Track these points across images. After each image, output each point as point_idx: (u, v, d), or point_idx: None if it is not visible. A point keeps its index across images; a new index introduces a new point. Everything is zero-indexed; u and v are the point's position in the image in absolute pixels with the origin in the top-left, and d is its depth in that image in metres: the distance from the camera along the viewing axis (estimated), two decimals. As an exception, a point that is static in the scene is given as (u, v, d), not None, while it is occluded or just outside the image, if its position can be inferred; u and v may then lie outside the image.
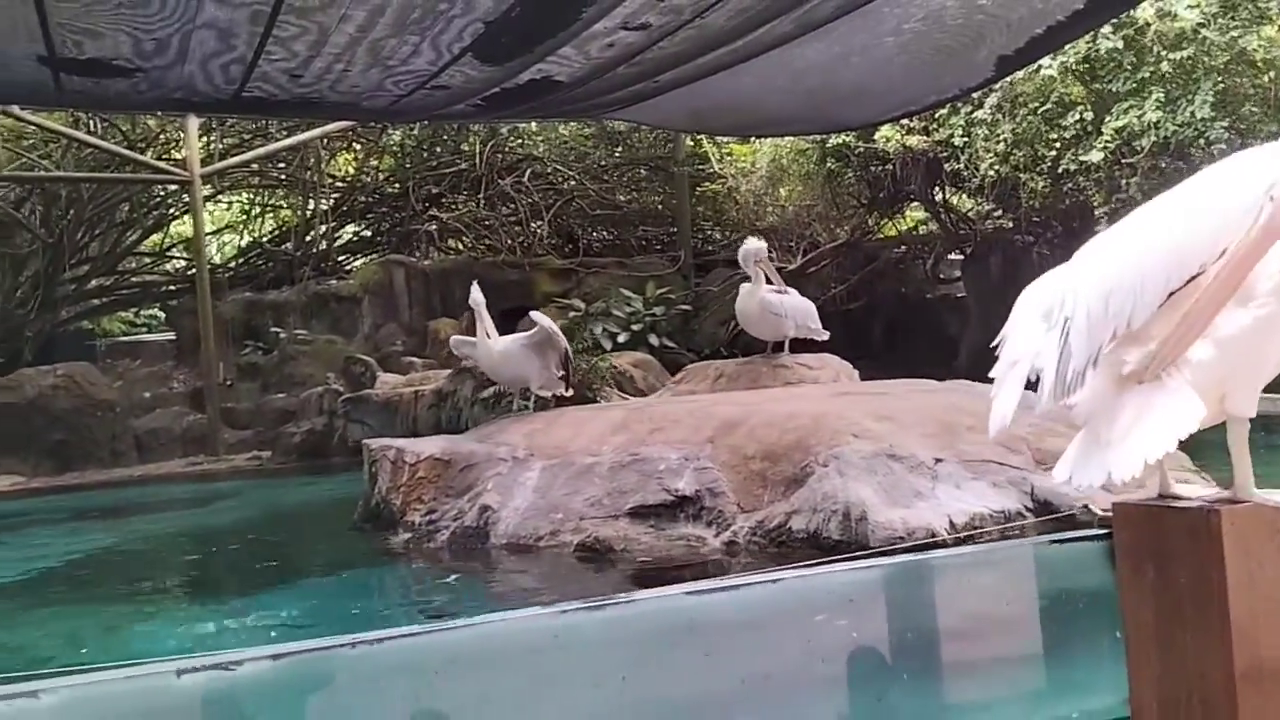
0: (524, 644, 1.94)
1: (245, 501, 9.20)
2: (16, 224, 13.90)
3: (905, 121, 9.73)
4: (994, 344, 1.99)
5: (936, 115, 9.73)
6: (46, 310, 14.16)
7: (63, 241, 14.03)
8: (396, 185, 15.51)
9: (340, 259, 15.86)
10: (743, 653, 1.94)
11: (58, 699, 1.79)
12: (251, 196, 16.43)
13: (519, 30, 4.31)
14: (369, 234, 16.19)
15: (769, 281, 7.06)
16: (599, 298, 12.25)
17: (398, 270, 14.19)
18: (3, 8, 3.89)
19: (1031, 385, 1.86)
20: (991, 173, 9.50)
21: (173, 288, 15.68)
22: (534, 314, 6.29)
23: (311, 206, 15.63)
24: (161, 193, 14.82)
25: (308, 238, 15.61)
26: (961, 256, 11.89)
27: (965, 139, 9.69)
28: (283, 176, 15.65)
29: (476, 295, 6.33)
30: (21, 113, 11.87)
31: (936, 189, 11.15)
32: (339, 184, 15.93)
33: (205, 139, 13.80)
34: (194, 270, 13.69)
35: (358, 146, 15.54)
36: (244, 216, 16.79)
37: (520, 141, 14.34)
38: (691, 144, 13.48)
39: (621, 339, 11.21)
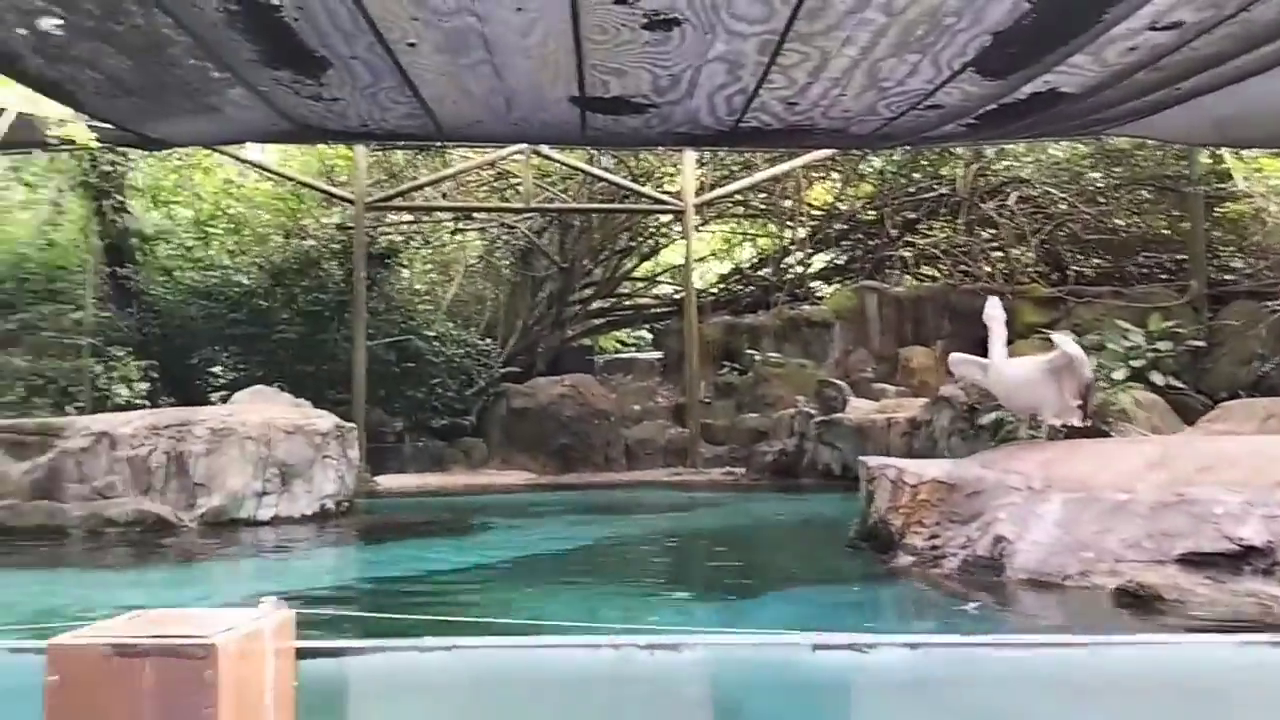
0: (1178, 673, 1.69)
1: (728, 511, 9.57)
2: (537, 251, 15.85)
3: None
4: None
5: None
6: (557, 327, 16.00)
7: (573, 267, 15.77)
8: (872, 212, 15.53)
9: (813, 285, 16.22)
10: None
11: (696, 654, 1.84)
12: (734, 225, 17.37)
13: (1029, 39, 4.01)
14: (842, 261, 16.38)
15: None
16: (1091, 330, 11.22)
17: (870, 297, 14.21)
18: (550, 54, 4.37)
19: None
20: None
21: (660, 310, 17.00)
22: (1055, 336, 5.78)
23: (789, 234, 16.17)
24: (655, 223, 16.15)
25: (783, 264, 16.17)
26: None
27: None
28: (763, 206, 16.34)
29: (994, 310, 5.80)
30: (549, 151, 13.53)
31: None
32: (816, 212, 16.30)
33: (696, 172, 14.79)
34: (681, 294, 14.70)
35: (836, 175, 15.79)
36: (725, 245, 17.80)
37: (1006, 164, 13.67)
38: (1209, 160, 11.96)
39: (1117, 375, 10.11)
